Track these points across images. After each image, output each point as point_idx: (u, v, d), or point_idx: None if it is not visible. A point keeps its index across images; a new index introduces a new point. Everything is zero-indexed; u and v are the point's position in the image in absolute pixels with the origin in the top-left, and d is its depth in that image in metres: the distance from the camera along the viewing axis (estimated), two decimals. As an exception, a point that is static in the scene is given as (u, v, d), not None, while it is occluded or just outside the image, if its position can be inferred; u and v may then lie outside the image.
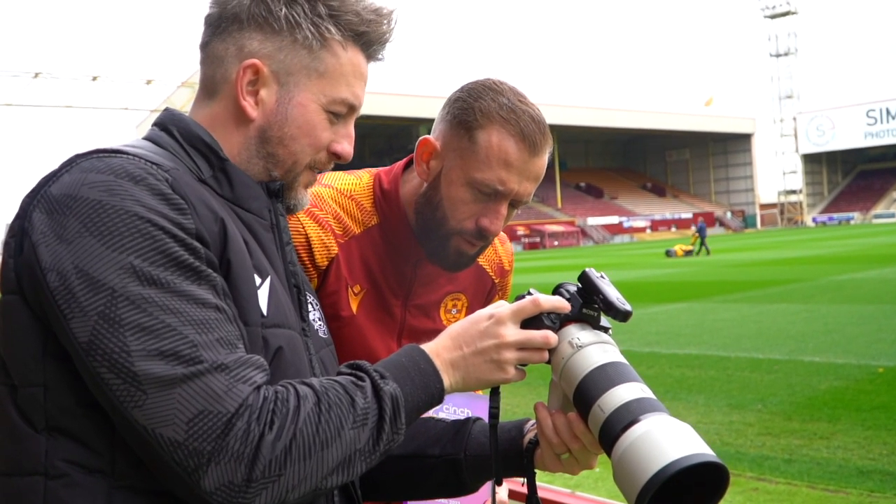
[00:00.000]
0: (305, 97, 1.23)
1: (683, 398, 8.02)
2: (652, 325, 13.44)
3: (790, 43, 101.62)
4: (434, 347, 1.20)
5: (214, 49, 1.24)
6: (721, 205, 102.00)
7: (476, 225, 1.59)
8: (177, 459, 0.97)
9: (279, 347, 1.15)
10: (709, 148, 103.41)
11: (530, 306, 1.20)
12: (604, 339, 1.20)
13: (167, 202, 1.05)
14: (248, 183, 1.24)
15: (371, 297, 1.72)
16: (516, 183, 1.56)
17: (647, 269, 29.67)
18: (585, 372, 1.14)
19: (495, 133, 1.54)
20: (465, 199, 1.58)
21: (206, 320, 1.02)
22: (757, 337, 11.44)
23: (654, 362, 10.06)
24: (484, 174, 1.54)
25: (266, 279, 1.18)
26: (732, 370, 9.24)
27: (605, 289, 1.19)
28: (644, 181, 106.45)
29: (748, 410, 7.40)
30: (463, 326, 1.21)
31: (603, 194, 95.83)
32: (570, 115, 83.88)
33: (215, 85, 1.25)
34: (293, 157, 1.26)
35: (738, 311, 14.52)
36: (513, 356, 1.19)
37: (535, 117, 1.56)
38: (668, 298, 17.61)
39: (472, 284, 1.86)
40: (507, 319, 1.20)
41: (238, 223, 1.19)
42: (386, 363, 1.16)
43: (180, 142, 1.21)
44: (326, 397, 1.06)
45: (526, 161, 1.55)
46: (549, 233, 76.26)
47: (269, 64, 1.22)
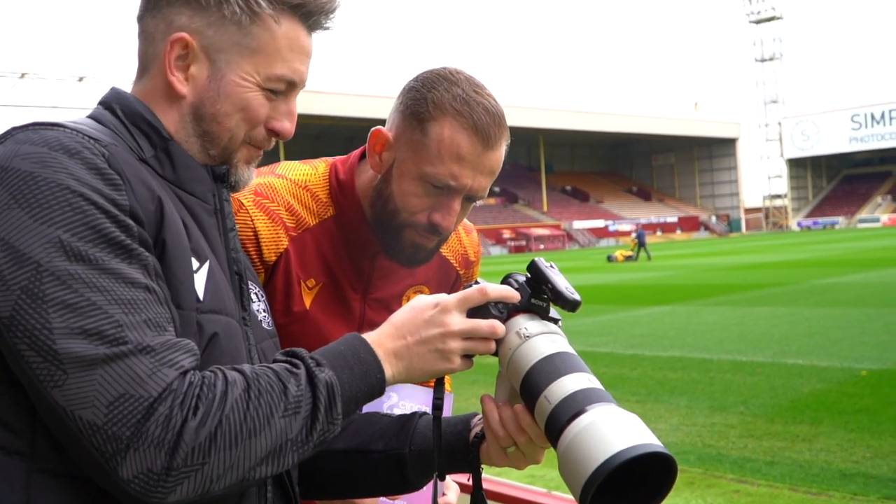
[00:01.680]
0: (238, 74, 1.18)
1: (666, 400, 7.99)
2: (636, 328, 13.42)
3: (775, 48, 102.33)
4: (376, 336, 1.15)
5: (147, 24, 1.20)
6: (706, 209, 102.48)
7: (428, 219, 1.52)
8: (95, 444, 0.93)
9: (214, 333, 1.11)
10: (694, 152, 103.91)
11: (477, 295, 1.16)
12: (552, 329, 1.16)
13: (101, 177, 1.01)
14: (191, 165, 1.20)
15: (327, 292, 1.65)
16: (469, 178, 1.48)
17: (631, 272, 29.71)
18: (532, 362, 1.11)
19: (448, 125, 1.46)
20: (417, 192, 1.50)
21: (134, 300, 0.98)
22: (740, 340, 11.44)
23: (637, 364, 10.02)
24: (436, 168, 1.47)
25: (205, 263, 1.14)
26: (715, 372, 9.22)
27: (553, 278, 1.15)
28: (630, 185, 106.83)
29: (730, 413, 7.36)
30: (407, 315, 1.17)
31: (589, 198, 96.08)
32: (556, 118, 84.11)
33: (147, 61, 1.21)
34: (228, 134, 1.21)
35: (722, 315, 14.52)
36: (458, 346, 1.15)
37: (490, 109, 1.48)
38: (652, 301, 17.61)
39: (435, 276, 1.79)
40: (452, 308, 1.16)
41: (178, 205, 1.15)
42: (324, 351, 1.12)
43: (123, 120, 1.17)
44: (257, 384, 1.01)
45: (479, 155, 1.47)
46: (535, 236, 76.40)
47: (199, 39, 1.17)
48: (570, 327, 13.84)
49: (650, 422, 7.03)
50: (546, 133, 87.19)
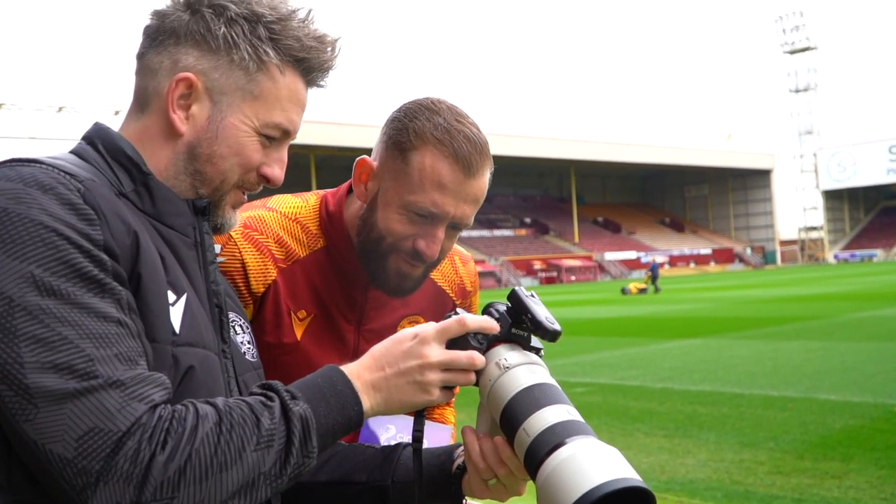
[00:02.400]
0: (238, 118, 1.21)
1: (694, 435, 7.90)
2: (666, 361, 13.29)
3: (810, 78, 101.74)
4: (355, 368, 1.16)
5: (149, 61, 1.22)
6: (741, 241, 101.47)
7: (413, 246, 1.53)
8: (65, 477, 0.94)
9: (190, 366, 1.12)
10: (728, 183, 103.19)
11: (456, 326, 1.16)
12: (533, 359, 1.16)
13: (75, 212, 1.03)
14: (171, 199, 1.21)
15: (319, 323, 1.66)
16: (452, 206, 1.50)
17: (663, 304, 29.45)
18: (512, 394, 1.11)
19: (429, 155, 1.48)
20: (401, 220, 1.53)
21: (106, 334, 0.99)
22: (772, 374, 11.28)
23: (665, 398, 9.92)
24: (417, 197, 1.49)
25: (182, 297, 1.15)
26: (745, 408, 9.10)
27: (533, 308, 1.15)
28: (662, 216, 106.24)
29: (760, 449, 7.26)
30: (386, 346, 1.17)
31: (621, 229, 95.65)
32: (587, 149, 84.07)
33: (147, 97, 1.23)
34: (221, 176, 1.23)
35: (755, 348, 14.34)
36: (437, 377, 1.15)
37: (472, 137, 1.50)
38: (684, 334, 17.44)
39: (431, 306, 1.79)
40: (431, 339, 1.16)
41: (157, 239, 1.17)
42: (300, 383, 1.12)
43: (104, 155, 1.19)
44: (229, 417, 1.02)
45: (461, 182, 1.49)
46: (567, 267, 76.10)
47: (204, 80, 1.20)
48: (598, 360, 13.77)
49: (678, 457, 6.93)
50: (577, 164, 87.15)
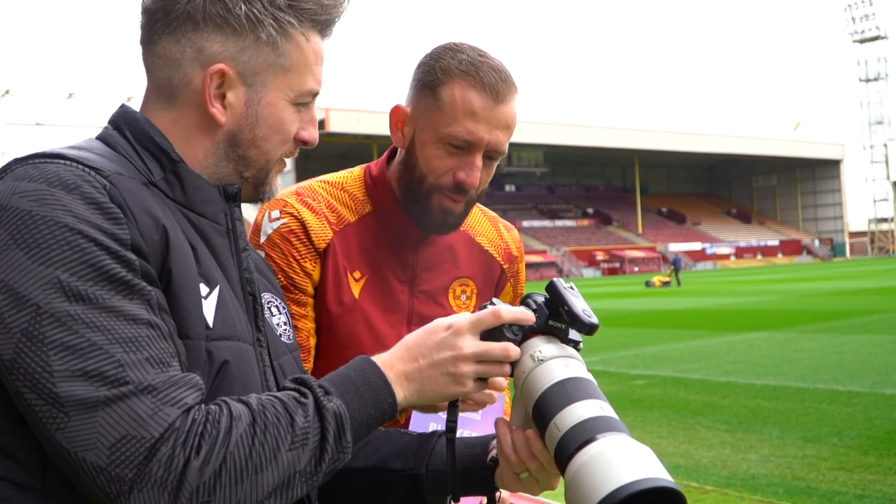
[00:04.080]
0: (274, 95, 1.19)
1: (758, 430, 7.87)
2: (730, 354, 13.16)
3: (880, 68, 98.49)
4: (388, 359, 1.14)
5: (167, 50, 1.16)
6: (809, 232, 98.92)
7: (454, 179, 1.61)
8: (99, 485, 0.94)
9: (224, 361, 1.10)
10: (796, 174, 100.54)
11: (490, 318, 1.14)
12: (569, 353, 1.14)
13: (101, 211, 1.00)
14: (202, 186, 1.18)
15: (374, 284, 1.73)
16: (486, 132, 1.57)
17: (728, 296, 29.01)
18: (545, 387, 1.09)
19: (457, 87, 1.57)
20: (440, 155, 1.60)
21: (136, 337, 0.97)
22: (838, 368, 11.10)
23: (729, 392, 9.87)
24: (452, 128, 1.57)
25: (214, 289, 1.12)
26: (810, 402, 9.01)
27: (570, 300, 1.14)
28: (729, 207, 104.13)
29: (823, 444, 7.22)
30: (419, 336, 1.16)
31: (685, 220, 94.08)
32: (651, 139, 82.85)
33: (174, 89, 1.18)
34: (265, 157, 1.23)
35: (820, 342, 14.10)
36: (470, 369, 1.13)
37: (496, 67, 1.59)
38: (748, 327, 17.21)
39: (480, 270, 1.85)
40: (465, 330, 1.14)
41: (188, 228, 1.14)
42: (333, 377, 1.11)
43: (132, 142, 1.16)
44: (263, 417, 1.01)
45: (491, 109, 1.57)
46: (630, 258, 75.27)
47: (234, 66, 1.16)
48: (659, 352, 13.71)
49: (740, 452, 6.92)
50: (641, 154, 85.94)
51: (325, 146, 78.69)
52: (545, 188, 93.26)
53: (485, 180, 1.65)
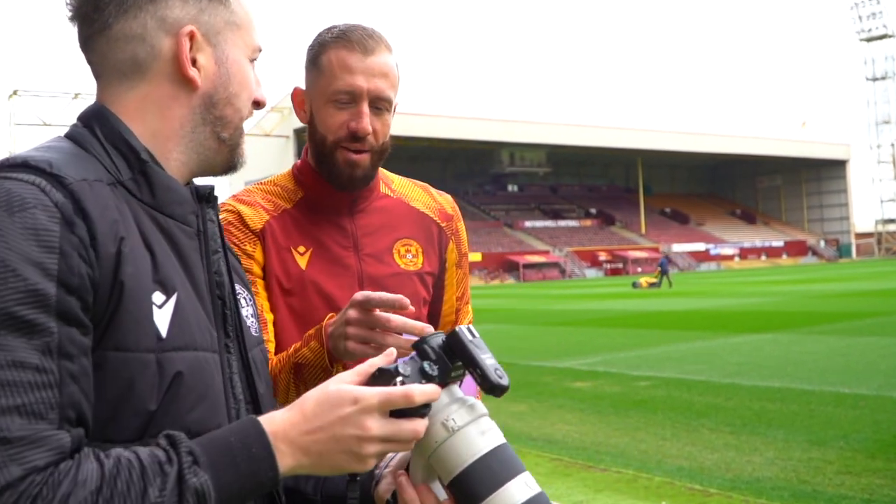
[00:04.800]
0: (236, 52, 1.21)
1: (762, 433, 7.80)
2: (734, 356, 13.09)
3: (887, 66, 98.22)
4: (280, 425, 1.03)
5: (126, 29, 1.14)
6: (814, 233, 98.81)
7: (347, 130, 1.76)
8: None
9: (178, 373, 1.06)
10: (801, 174, 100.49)
11: (402, 400, 1.03)
12: (477, 412, 1.09)
13: (36, 239, 0.96)
14: (172, 186, 1.16)
15: (319, 255, 1.84)
16: (363, 81, 1.74)
17: (732, 298, 28.94)
18: (466, 464, 1.05)
19: (332, 51, 1.77)
20: (331, 113, 1.77)
21: (14, 382, 0.91)
22: (844, 371, 11.02)
23: (733, 394, 9.80)
24: (334, 86, 1.75)
25: (172, 296, 1.08)
26: (815, 405, 8.93)
27: (479, 357, 1.07)
28: (733, 207, 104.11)
29: (829, 447, 7.14)
30: (321, 405, 1.04)
31: (689, 220, 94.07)
32: (654, 139, 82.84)
33: (140, 65, 1.15)
34: (239, 114, 1.23)
35: (826, 344, 14.02)
36: (375, 450, 1.04)
37: (363, 27, 1.78)
38: (753, 328, 17.14)
39: (419, 230, 1.96)
40: (374, 409, 1.03)
41: (153, 230, 1.11)
42: (210, 440, 1.01)
43: (101, 140, 1.14)
44: (111, 485, 0.92)
45: (363, 60, 1.74)
46: (633, 259, 75.24)
47: (198, 28, 1.17)
48: (663, 353, 13.65)
49: (744, 455, 6.89)
50: (644, 154, 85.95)
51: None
52: (548, 188, 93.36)
53: (381, 130, 1.79)
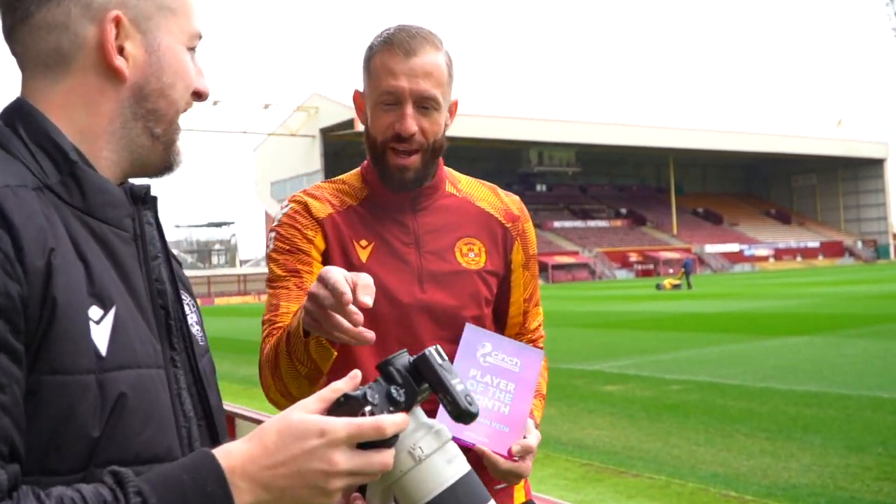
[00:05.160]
0: (170, 39, 1.11)
1: (798, 438, 7.67)
2: (769, 359, 12.91)
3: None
4: (238, 459, 0.94)
5: (49, 17, 1.06)
6: (851, 233, 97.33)
7: (392, 132, 1.80)
8: None
9: (121, 394, 0.99)
10: (838, 173, 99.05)
11: (372, 432, 0.96)
12: (443, 438, 1.04)
13: None
14: (105, 188, 1.07)
15: (381, 250, 1.88)
16: (405, 82, 1.77)
17: (767, 299, 28.58)
18: (432, 495, 1.01)
19: (378, 56, 1.81)
20: (379, 115, 1.82)
21: None
22: (882, 375, 10.82)
23: (768, 399, 9.65)
24: (379, 89, 1.80)
25: (110, 310, 1.01)
26: (853, 410, 8.77)
27: (449, 383, 1.02)
28: (767, 207, 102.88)
29: (867, 453, 7.00)
30: (284, 437, 0.95)
31: (722, 221, 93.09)
32: (686, 137, 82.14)
33: (64, 56, 1.07)
34: (174, 107, 1.13)
35: (864, 347, 13.78)
36: (342, 484, 0.97)
37: (409, 29, 1.81)
38: (788, 331, 16.89)
39: (482, 229, 1.96)
40: (341, 443, 0.95)
41: (86, 238, 1.03)
42: (163, 477, 0.93)
43: (25, 140, 1.05)
44: None
45: (404, 62, 1.77)
46: (664, 260, 74.62)
47: (126, 13, 1.07)
48: (696, 356, 13.49)
49: (780, 461, 6.77)
50: (676, 153, 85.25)
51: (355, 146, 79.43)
52: (577, 188, 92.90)
53: (430, 129, 1.80)
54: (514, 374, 1.77)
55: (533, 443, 1.74)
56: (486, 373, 1.77)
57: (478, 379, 1.76)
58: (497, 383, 1.76)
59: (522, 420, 1.75)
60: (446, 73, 1.82)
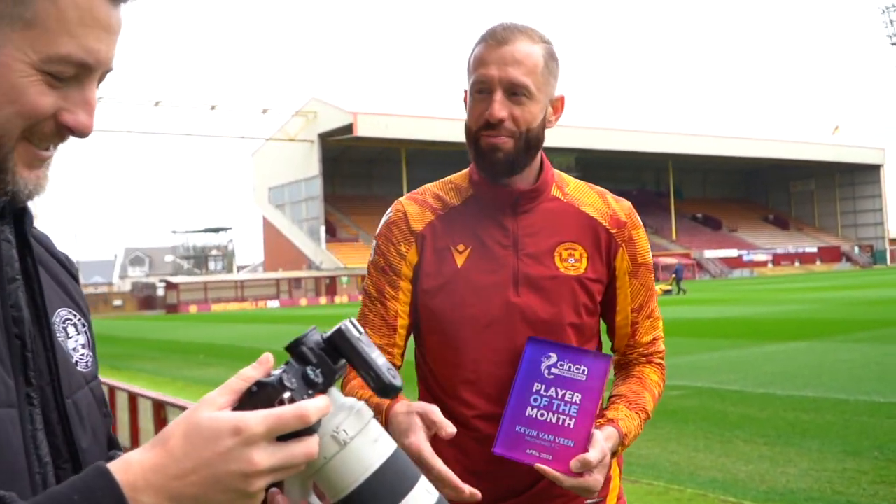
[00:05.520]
0: (7, 53, 0.91)
1: (797, 443, 7.71)
2: (767, 365, 12.94)
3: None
4: (139, 471, 0.82)
5: None
6: (848, 239, 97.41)
7: (484, 119, 1.80)
8: None
9: None
10: (835, 179, 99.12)
11: (294, 421, 0.84)
12: (365, 417, 0.94)
13: None
14: None
15: (477, 252, 1.86)
16: (495, 70, 1.78)
17: (765, 305, 28.62)
18: (360, 480, 0.92)
19: (476, 49, 1.84)
20: (473, 105, 1.84)
21: None
22: (880, 380, 10.85)
23: (767, 404, 9.69)
24: (473, 79, 1.83)
25: None
26: (851, 414, 8.81)
27: (370, 356, 0.93)
28: (766, 213, 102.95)
29: (864, 458, 7.05)
30: (192, 440, 0.83)
31: (721, 226, 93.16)
32: (686, 143, 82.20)
33: None
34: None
35: (861, 352, 13.82)
36: (264, 483, 0.85)
37: (507, 24, 1.84)
38: (787, 336, 16.93)
39: (586, 235, 1.91)
40: (260, 439, 0.83)
41: None
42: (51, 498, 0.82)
43: None
44: None
45: (494, 51, 1.79)
46: (663, 265, 74.55)
47: None
48: (695, 362, 13.52)
49: (778, 466, 6.82)
50: (675, 158, 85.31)
51: (354, 151, 79.37)
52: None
53: (521, 117, 1.79)
54: (581, 384, 1.71)
55: (593, 456, 1.65)
56: (550, 385, 1.72)
57: (542, 393, 1.72)
58: (562, 395, 1.71)
59: (587, 432, 1.68)
60: (541, 63, 1.80)
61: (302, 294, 67.60)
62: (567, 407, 1.70)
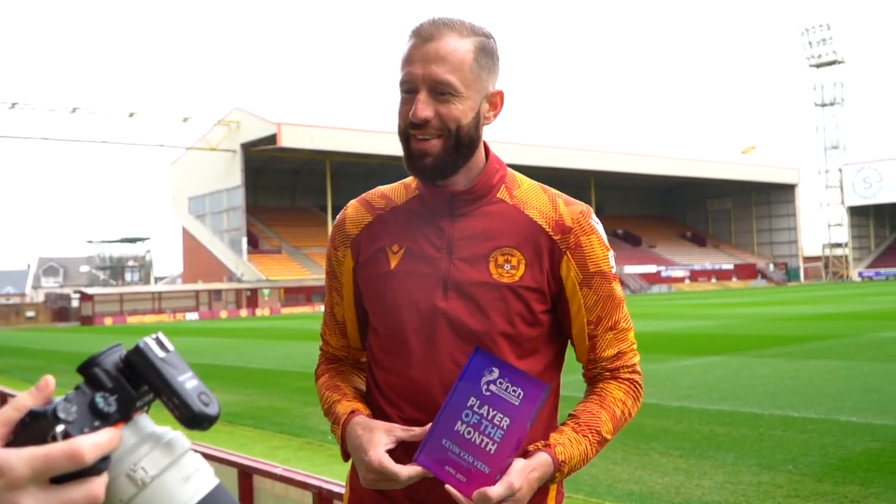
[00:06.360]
0: None
1: (712, 456, 7.75)
2: (684, 379, 13.12)
3: (836, 93, 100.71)
4: None
5: None
6: (763, 256, 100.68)
7: (409, 118, 1.74)
8: None
9: None
10: (752, 198, 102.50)
11: (65, 462, 0.73)
12: (177, 450, 0.81)
13: None
14: None
15: (410, 253, 1.81)
16: (419, 68, 1.71)
17: (682, 320, 29.19)
18: None
19: (404, 47, 1.76)
20: (400, 104, 1.77)
21: None
22: (793, 394, 11.09)
23: (683, 417, 9.77)
24: (400, 78, 1.75)
25: None
26: (765, 428, 8.94)
27: (174, 381, 0.80)
28: (684, 230, 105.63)
29: (778, 471, 7.11)
30: None
31: (641, 242, 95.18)
32: (607, 160, 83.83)
33: None
34: None
35: (776, 367, 14.14)
36: None
37: (436, 18, 1.76)
38: (703, 351, 17.24)
39: (525, 241, 1.77)
40: (25, 482, 0.73)
41: None
42: None
43: None
44: None
45: (419, 48, 1.72)
46: (587, 280, 75.71)
47: None
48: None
49: (694, 478, 6.82)
50: (597, 175, 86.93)
51: (278, 161, 78.51)
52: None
53: (447, 115, 1.71)
54: (513, 408, 1.61)
55: (495, 492, 1.53)
56: (484, 403, 1.62)
57: (475, 409, 1.63)
58: (492, 417, 1.61)
59: (504, 461, 1.58)
60: (470, 58, 1.71)
61: (222, 306, 66.19)
62: (493, 430, 1.61)
